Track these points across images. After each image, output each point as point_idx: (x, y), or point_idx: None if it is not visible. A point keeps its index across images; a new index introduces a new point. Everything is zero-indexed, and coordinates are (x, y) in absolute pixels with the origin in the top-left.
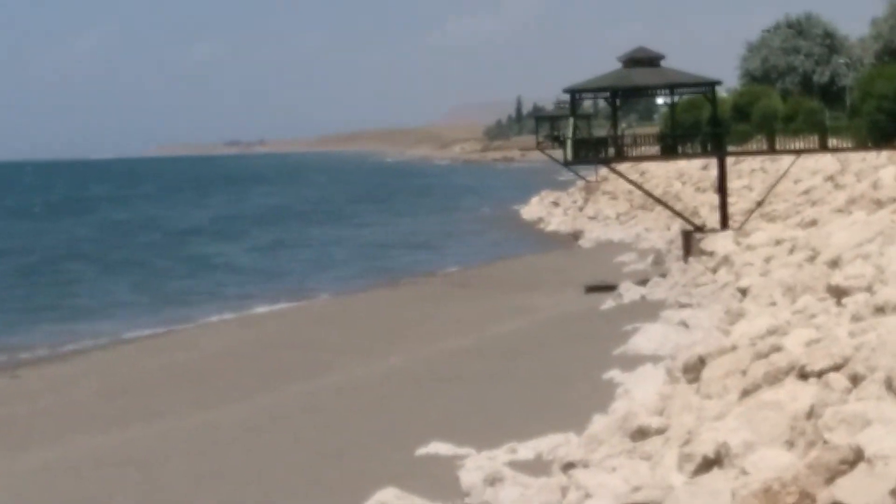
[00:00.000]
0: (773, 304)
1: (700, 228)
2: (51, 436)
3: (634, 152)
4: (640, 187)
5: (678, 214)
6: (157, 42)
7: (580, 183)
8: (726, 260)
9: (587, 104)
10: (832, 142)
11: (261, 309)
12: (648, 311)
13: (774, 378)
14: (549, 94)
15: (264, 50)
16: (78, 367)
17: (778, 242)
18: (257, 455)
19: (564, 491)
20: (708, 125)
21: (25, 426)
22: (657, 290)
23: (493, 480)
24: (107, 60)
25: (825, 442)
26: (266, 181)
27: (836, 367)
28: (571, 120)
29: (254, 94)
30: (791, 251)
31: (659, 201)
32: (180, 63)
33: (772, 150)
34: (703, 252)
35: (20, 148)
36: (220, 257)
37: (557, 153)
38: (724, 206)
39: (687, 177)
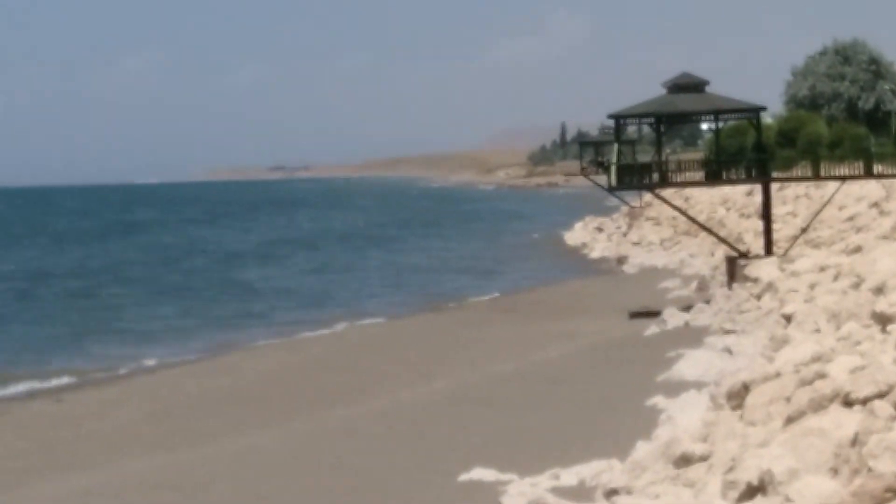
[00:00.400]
0: (818, 330)
1: (744, 255)
2: (95, 460)
3: (679, 178)
4: (684, 213)
5: (722, 240)
6: (203, 65)
7: (624, 209)
8: (770, 286)
9: (631, 130)
10: (877, 168)
11: (306, 333)
12: (692, 337)
13: (819, 405)
14: (593, 120)
15: (309, 74)
16: (123, 391)
17: (822, 269)
18: (300, 480)
19: None
20: (753, 151)
21: (69, 450)
22: (701, 317)
23: None
24: (153, 84)
25: (870, 470)
26: (311, 205)
27: (881, 395)
28: (616, 145)
29: (298, 119)
30: (836, 278)
31: (703, 227)
32: (227, 87)
33: (817, 177)
34: (747, 278)
35: (65, 172)
36: (265, 281)
37: (601, 179)
38: (768, 233)
39: (731, 203)
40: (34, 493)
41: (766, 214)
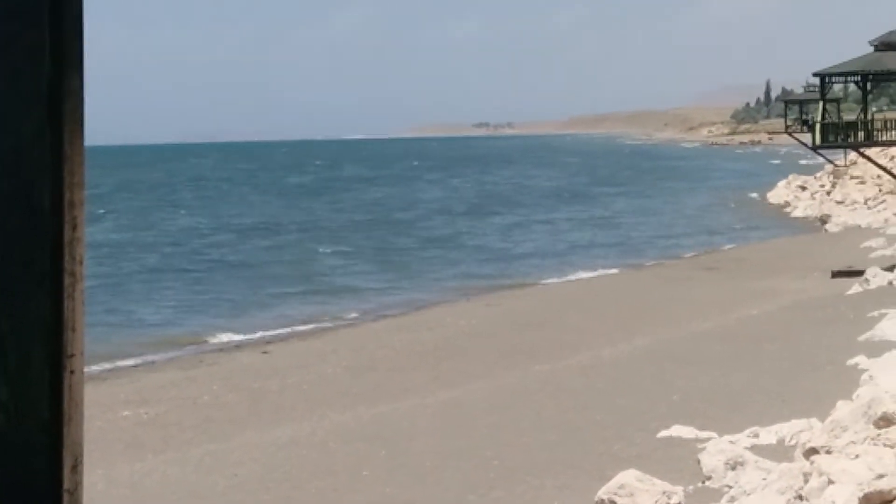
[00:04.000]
0: None
1: None
2: (300, 411)
3: (885, 137)
4: (889, 172)
5: None
6: (413, 22)
7: (828, 167)
8: None
9: (837, 88)
10: None
11: (507, 289)
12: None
13: None
14: (798, 78)
15: (514, 31)
16: (326, 344)
17: None
18: (500, 433)
19: (806, 476)
20: None
21: (275, 401)
22: None
23: (734, 464)
24: (363, 40)
25: None
26: (515, 162)
27: None
28: (821, 104)
29: (503, 76)
30: None
31: None
32: (436, 44)
33: None
34: None
35: (275, 128)
36: (468, 237)
37: (806, 137)
38: None
39: None
40: (243, 443)
41: None
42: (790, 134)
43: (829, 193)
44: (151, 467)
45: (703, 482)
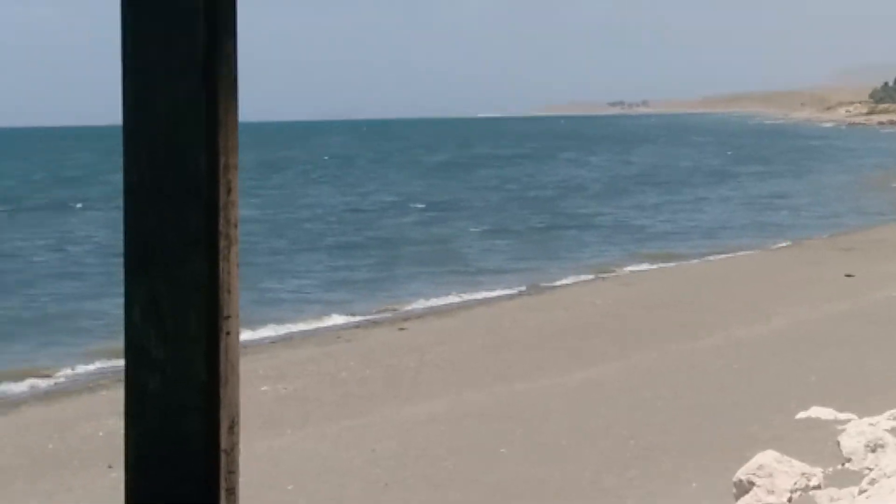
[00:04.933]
0: None
1: None
2: (437, 388)
3: None
4: None
5: None
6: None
7: None
8: None
9: None
10: None
11: (639, 268)
12: None
13: None
14: None
15: (655, 8)
16: (462, 322)
17: None
18: (636, 413)
19: None
20: None
21: (412, 378)
22: None
23: (874, 447)
24: (497, 18)
25: None
26: (650, 141)
27: None
28: None
29: (638, 54)
30: None
31: None
32: (570, 21)
33: None
34: None
35: (406, 105)
36: (604, 216)
37: None
38: None
39: None
40: (380, 419)
41: None
42: None
43: None
44: (290, 442)
45: (843, 464)
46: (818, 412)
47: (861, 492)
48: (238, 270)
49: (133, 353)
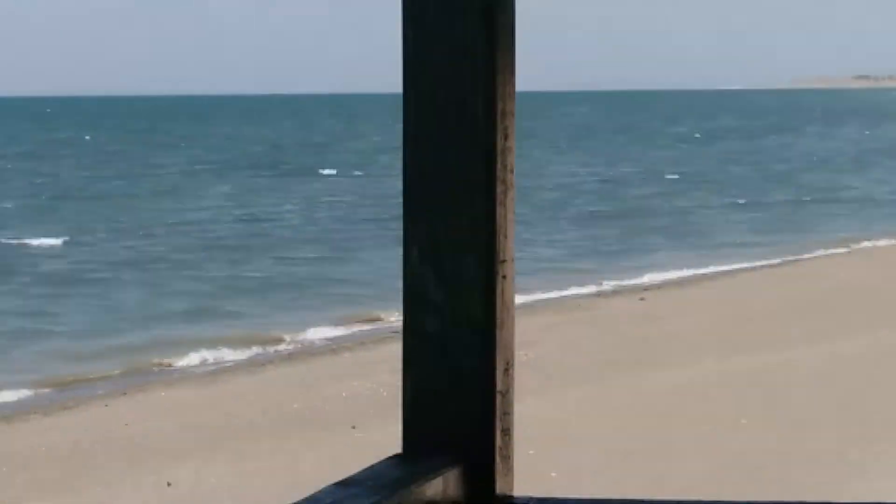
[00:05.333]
0: None
1: None
2: (679, 357)
3: None
4: None
5: None
6: None
7: None
8: None
9: None
10: None
11: (890, 242)
12: None
13: None
14: None
15: None
16: (703, 292)
17: None
18: (881, 388)
19: None
20: None
21: (654, 347)
22: None
23: None
24: None
25: None
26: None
27: None
28: None
29: (887, 25)
30: None
31: None
32: None
33: None
34: None
35: (647, 76)
36: (849, 189)
37: None
38: None
39: None
40: (620, 387)
41: None
42: None
43: None
44: (532, 411)
45: None
46: None
47: None
48: (514, 216)
49: (411, 295)
